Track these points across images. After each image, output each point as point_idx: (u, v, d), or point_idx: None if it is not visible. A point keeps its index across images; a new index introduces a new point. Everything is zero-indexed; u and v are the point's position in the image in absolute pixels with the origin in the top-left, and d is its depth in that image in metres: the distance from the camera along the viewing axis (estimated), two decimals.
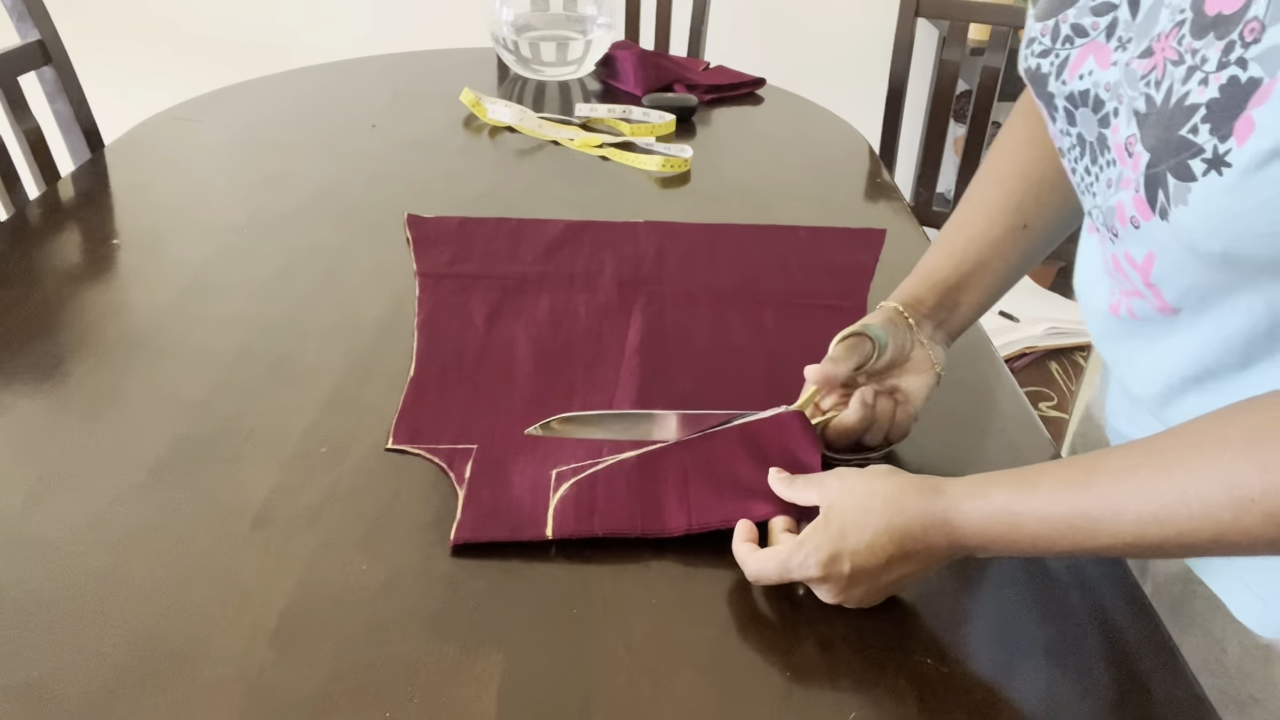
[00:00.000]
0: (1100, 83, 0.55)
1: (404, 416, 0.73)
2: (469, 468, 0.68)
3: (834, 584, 0.56)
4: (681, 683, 0.54)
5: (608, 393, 0.77)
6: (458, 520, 0.63)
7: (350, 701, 0.51)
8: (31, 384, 0.76)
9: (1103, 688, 0.55)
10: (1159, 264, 0.53)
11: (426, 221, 1.03)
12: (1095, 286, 0.63)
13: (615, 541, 0.62)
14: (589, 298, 0.91)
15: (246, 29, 2.33)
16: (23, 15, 1.26)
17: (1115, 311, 0.60)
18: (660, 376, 0.79)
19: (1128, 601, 0.61)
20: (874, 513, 0.56)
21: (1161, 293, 0.55)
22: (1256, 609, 0.59)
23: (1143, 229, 0.51)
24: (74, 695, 0.51)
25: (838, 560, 0.56)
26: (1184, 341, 0.56)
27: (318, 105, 1.40)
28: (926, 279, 0.72)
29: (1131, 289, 0.57)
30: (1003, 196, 0.72)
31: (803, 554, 0.56)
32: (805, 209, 1.12)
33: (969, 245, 0.72)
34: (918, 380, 0.71)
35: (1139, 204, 0.50)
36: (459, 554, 0.61)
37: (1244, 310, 0.52)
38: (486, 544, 0.62)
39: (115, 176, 1.14)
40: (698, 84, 1.47)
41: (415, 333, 0.84)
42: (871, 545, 0.55)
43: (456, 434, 0.72)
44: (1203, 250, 0.48)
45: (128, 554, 0.60)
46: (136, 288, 0.91)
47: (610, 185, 1.17)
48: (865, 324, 0.69)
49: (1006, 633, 0.58)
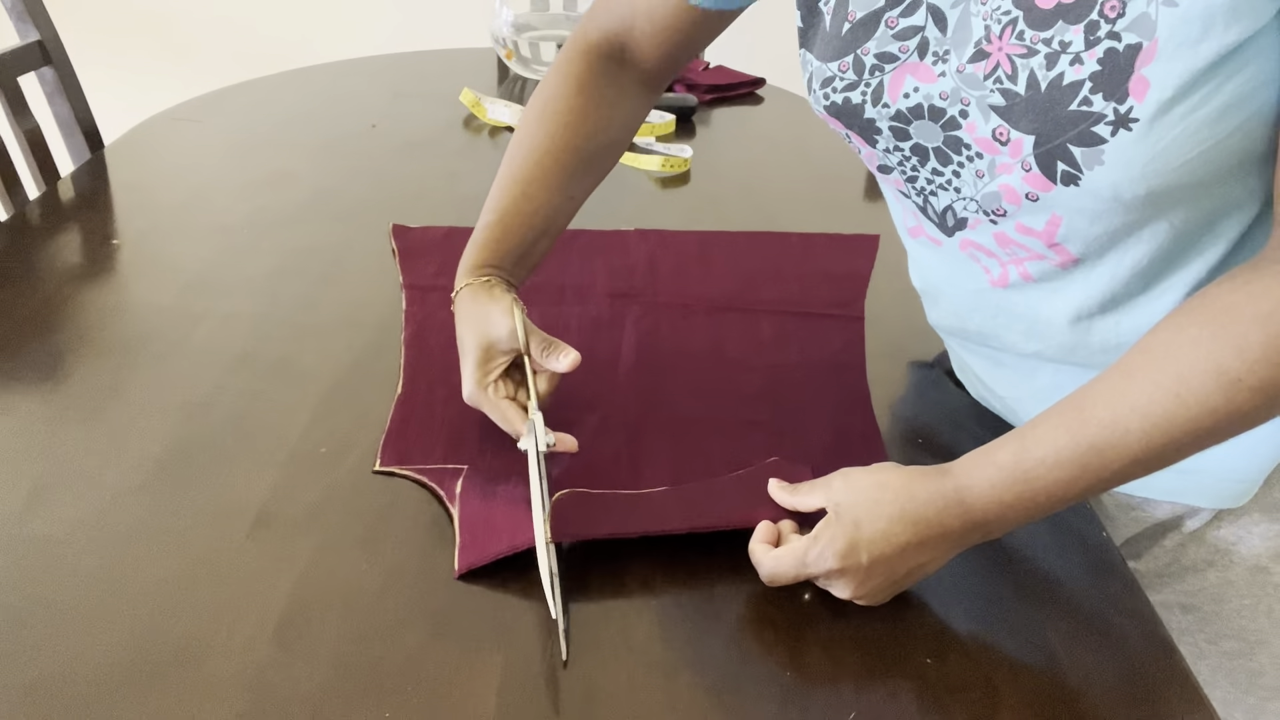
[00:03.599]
0: (933, 94, 0.59)
1: (391, 437, 0.71)
2: (459, 486, 0.66)
3: (851, 576, 0.56)
4: (681, 683, 0.54)
5: (601, 413, 0.75)
6: (458, 549, 0.61)
7: (350, 701, 0.51)
8: (31, 384, 0.76)
9: (1104, 688, 0.55)
10: (1065, 225, 0.58)
11: (412, 232, 1.01)
12: (959, 274, 0.69)
13: (615, 541, 0.62)
14: (580, 309, 0.89)
15: (246, 29, 2.33)
16: (23, 15, 1.26)
17: (1002, 282, 0.65)
18: (655, 398, 0.77)
19: (1129, 601, 0.61)
20: (886, 502, 0.56)
21: (1067, 248, 0.60)
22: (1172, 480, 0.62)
23: (1042, 200, 0.57)
24: (74, 695, 0.51)
25: (855, 551, 0.56)
26: (1085, 281, 0.61)
27: (318, 105, 1.40)
28: (505, 256, 0.74)
29: (1028, 255, 0.62)
30: (558, 172, 0.76)
31: (819, 547, 0.56)
32: (805, 209, 1.13)
33: (533, 218, 0.75)
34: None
35: (1034, 180, 0.56)
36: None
37: (1148, 238, 0.58)
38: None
39: (115, 176, 1.14)
40: (698, 84, 1.47)
41: (402, 348, 0.82)
42: (887, 533, 0.56)
43: (445, 453, 0.70)
44: (1128, 197, 0.54)
45: (128, 554, 0.60)
46: (136, 288, 0.91)
47: (610, 185, 1.17)
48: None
49: (1006, 633, 0.58)
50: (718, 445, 0.72)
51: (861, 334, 0.87)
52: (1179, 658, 0.57)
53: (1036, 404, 0.60)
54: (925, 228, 0.68)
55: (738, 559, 0.61)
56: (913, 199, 0.67)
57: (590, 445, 0.70)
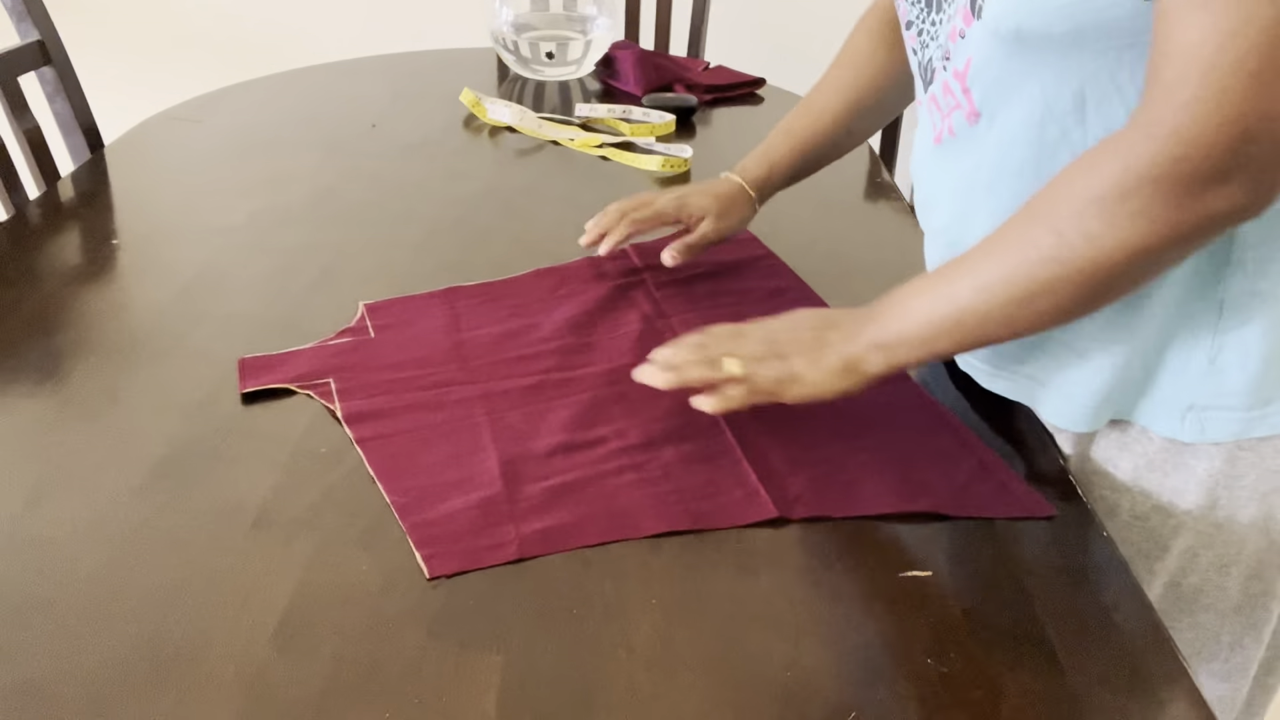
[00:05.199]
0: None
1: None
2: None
3: (739, 332, 0.70)
4: (681, 683, 0.54)
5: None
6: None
7: (350, 701, 0.51)
8: (31, 384, 0.76)
9: (1104, 687, 0.55)
10: (974, 64, 0.64)
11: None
12: (921, 139, 0.76)
13: (615, 541, 0.62)
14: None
15: (246, 29, 2.33)
16: (23, 15, 1.26)
17: (939, 139, 0.72)
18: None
19: (1129, 601, 0.61)
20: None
21: (972, 95, 0.66)
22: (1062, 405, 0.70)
23: (966, 37, 0.64)
24: (74, 695, 0.51)
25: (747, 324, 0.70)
26: (984, 147, 0.67)
27: (318, 105, 1.40)
28: (774, 167, 0.94)
29: (954, 103, 0.68)
30: (843, 108, 0.91)
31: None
32: (805, 209, 1.12)
33: (810, 141, 0.93)
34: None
35: (964, 15, 0.63)
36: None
37: (1025, 104, 0.63)
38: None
39: (115, 176, 1.15)
40: (698, 84, 1.47)
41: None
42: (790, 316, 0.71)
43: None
44: (1003, 30, 0.60)
45: (128, 554, 0.60)
46: (136, 288, 0.91)
47: (610, 185, 1.17)
48: (716, 229, 0.92)
49: (1006, 633, 0.58)
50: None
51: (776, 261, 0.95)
52: (1179, 657, 0.57)
53: None
54: (918, 91, 0.75)
55: (738, 558, 0.61)
56: (916, 56, 0.73)
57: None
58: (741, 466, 0.69)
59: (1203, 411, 0.66)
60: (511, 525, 0.63)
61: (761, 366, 0.68)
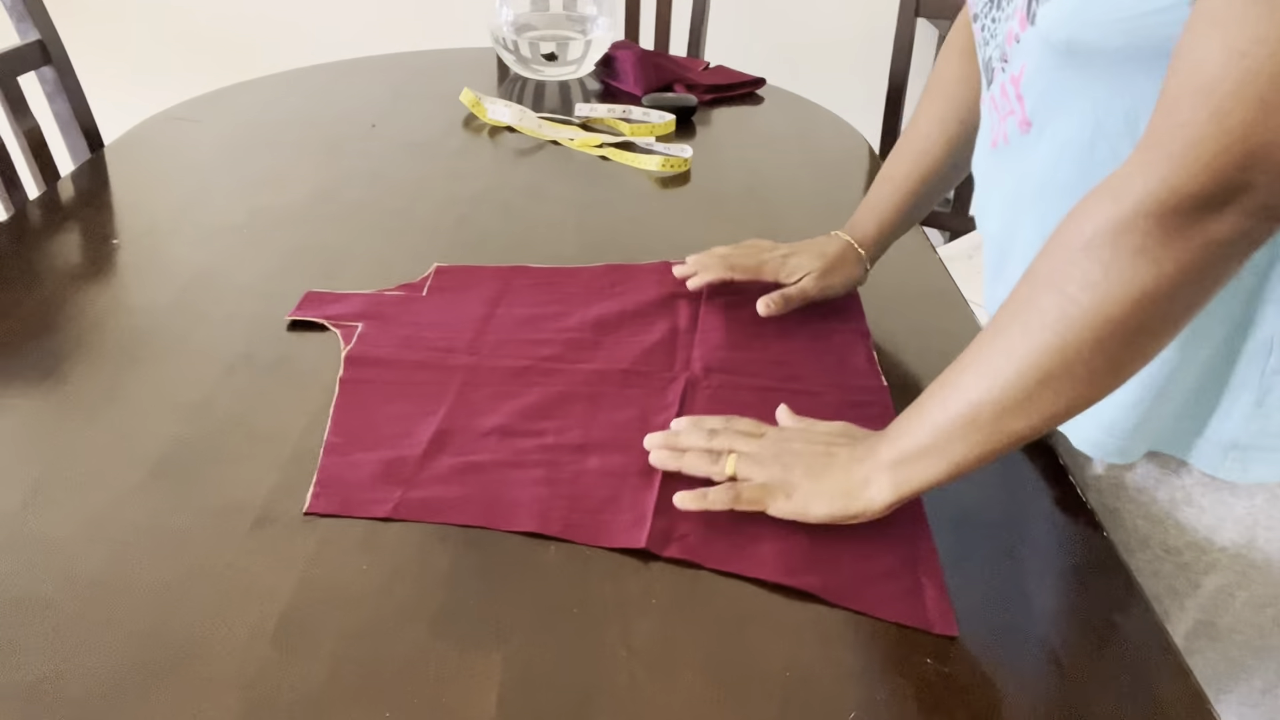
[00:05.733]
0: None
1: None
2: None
3: (753, 436, 0.66)
4: (681, 683, 0.54)
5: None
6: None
7: (350, 701, 0.51)
8: (31, 384, 0.76)
9: (1104, 687, 0.55)
10: (1027, 71, 0.62)
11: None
12: (982, 135, 0.72)
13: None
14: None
15: (246, 29, 2.33)
16: (23, 15, 1.26)
17: (995, 144, 0.69)
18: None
19: (1129, 601, 0.61)
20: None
21: (1025, 102, 0.63)
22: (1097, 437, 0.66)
23: (1021, 41, 0.61)
24: (74, 695, 0.51)
25: (764, 429, 0.66)
26: (1033, 158, 0.64)
27: (318, 105, 1.40)
28: (883, 220, 0.89)
29: (1009, 107, 0.65)
30: (944, 143, 0.85)
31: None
32: (805, 209, 1.13)
33: (916, 186, 0.87)
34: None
35: (1020, 19, 0.61)
36: (459, 554, 0.61)
37: (1076, 118, 0.60)
38: (484, 542, 0.62)
39: (115, 176, 1.15)
40: (698, 84, 1.47)
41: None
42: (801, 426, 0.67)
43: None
44: (1054, 40, 0.57)
45: (128, 554, 0.60)
46: (136, 288, 0.91)
47: (610, 185, 1.17)
48: (818, 286, 0.88)
49: (1006, 633, 0.58)
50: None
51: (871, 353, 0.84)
52: (1180, 658, 0.57)
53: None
54: (983, 88, 0.71)
55: None
56: (980, 52, 0.70)
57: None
58: (648, 492, 0.66)
59: (1245, 451, 0.62)
60: (402, 488, 0.66)
61: (757, 469, 0.63)
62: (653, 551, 0.62)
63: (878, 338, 0.87)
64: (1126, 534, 0.70)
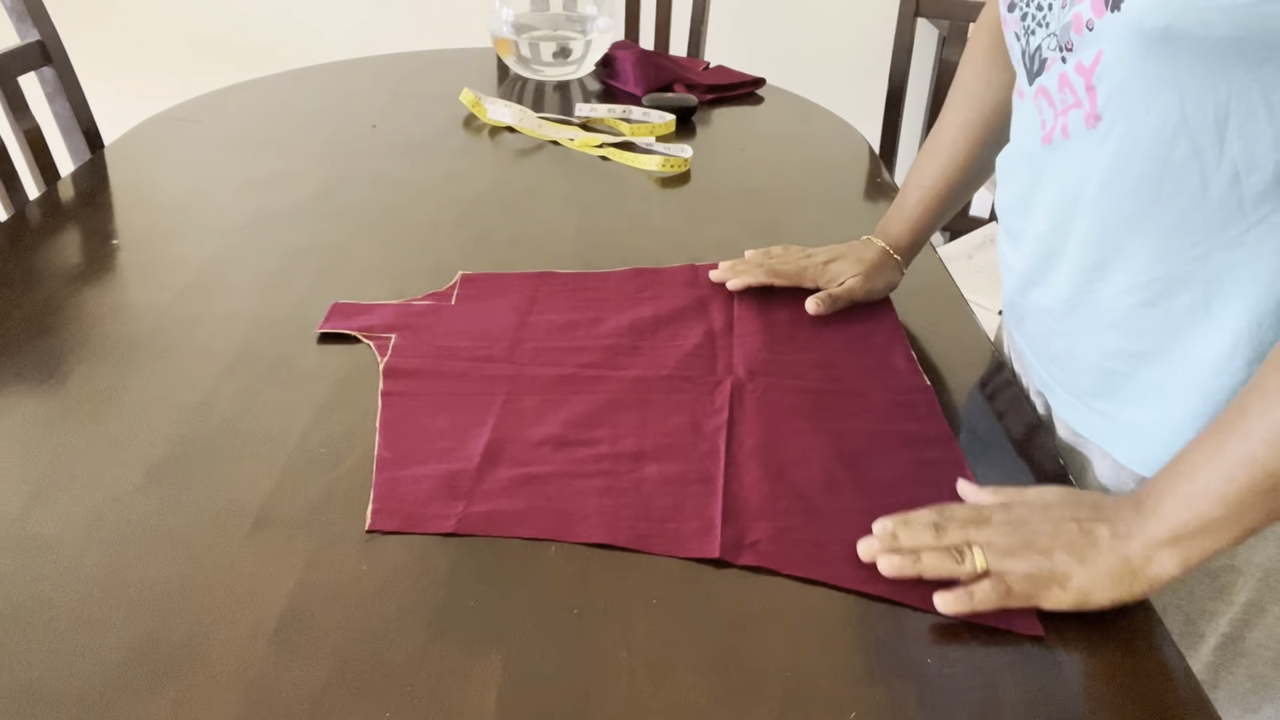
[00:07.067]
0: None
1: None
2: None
3: (990, 512, 0.61)
4: (681, 683, 0.54)
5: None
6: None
7: (350, 701, 0.51)
8: (31, 384, 0.76)
9: (1104, 688, 0.55)
10: (1104, 60, 0.58)
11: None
12: (1021, 134, 0.70)
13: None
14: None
15: (246, 29, 2.33)
16: (23, 15, 1.26)
17: (1049, 139, 0.66)
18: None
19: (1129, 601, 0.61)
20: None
21: (1096, 94, 0.60)
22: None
23: (1096, 29, 0.58)
24: (74, 695, 0.51)
25: (1006, 496, 0.63)
26: (1099, 156, 0.61)
27: (318, 105, 1.40)
28: (916, 223, 0.91)
29: (1073, 101, 0.62)
30: (969, 145, 0.87)
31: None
32: (805, 209, 1.13)
33: (945, 188, 0.89)
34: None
35: (1095, 6, 0.57)
36: (458, 554, 0.61)
37: (1157, 112, 0.57)
38: (484, 542, 0.62)
39: (115, 176, 1.15)
40: (698, 84, 1.47)
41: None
42: (1041, 493, 0.62)
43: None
44: (1148, 26, 0.54)
45: (128, 554, 0.60)
46: (136, 288, 0.91)
47: (610, 185, 1.18)
48: (864, 289, 0.88)
49: (1007, 633, 0.58)
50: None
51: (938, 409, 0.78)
52: (1180, 658, 0.57)
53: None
54: (1020, 81, 0.69)
55: None
56: (1019, 42, 0.67)
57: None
58: (713, 500, 0.66)
59: None
60: (464, 501, 0.65)
61: (1016, 563, 0.58)
62: (727, 560, 0.61)
63: None
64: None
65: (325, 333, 0.83)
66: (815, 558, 0.62)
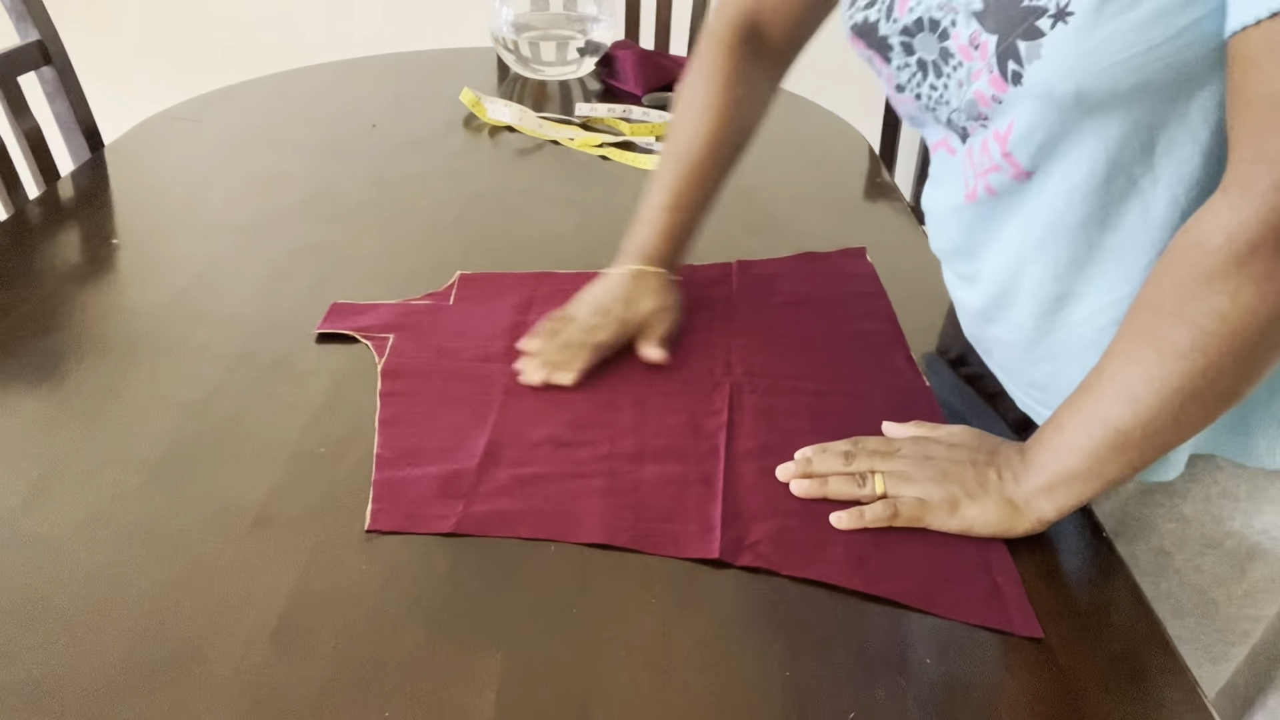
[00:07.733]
0: (931, 5, 0.62)
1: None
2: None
3: (902, 455, 0.66)
4: (681, 683, 0.54)
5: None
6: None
7: (350, 701, 0.51)
8: (31, 384, 0.76)
9: (1104, 688, 0.55)
10: (1016, 129, 0.60)
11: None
12: (945, 188, 0.71)
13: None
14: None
15: (246, 29, 2.33)
16: (23, 15, 1.26)
17: (972, 197, 0.67)
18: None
19: (1129, 601, 0.61)
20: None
21: (1017, 158, 0.61)
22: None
23: (1004, 102, 0.59)
24: (74, 695, 0.51)
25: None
26: (1037, 203, 0.63)
27: (318, 105, 1.40)
28: (676, 239, 0.86)
29: (990, 165, 0.64)
30: (718, 162, 0.87)
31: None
32: (805, 209, 1.13)
33: (696, 201, 0.86)
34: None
35: (996, 83, 0.59)
36: (458, 554, 0.61)
37: (1086, 160, 0.59)
38: (484, 542, 0.62)
39: (115, 176, 1.15)
40: None
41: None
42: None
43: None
44: (1057, 94, 0.56)
45: (128, 554, 0.60)
46: (136, 288, 0.91)
47: (610, 185, 1.18)
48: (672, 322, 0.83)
49: (1006, 633, 0.58)
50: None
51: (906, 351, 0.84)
52: (1179, 658, 0.57)
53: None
54: (949, 138, 0.68)
55: None
56: (927, 114, 0.68)
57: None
58: (713, 500, 0.66)
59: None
60: (463, 501, 0.65)
61: (908, 486, 0.64)
62: (726, 561, 0.61)
63: None
64: (1160, 538, 0.70)
65: (324, 332, 0.83)
66: (815, 558, 0.62)
